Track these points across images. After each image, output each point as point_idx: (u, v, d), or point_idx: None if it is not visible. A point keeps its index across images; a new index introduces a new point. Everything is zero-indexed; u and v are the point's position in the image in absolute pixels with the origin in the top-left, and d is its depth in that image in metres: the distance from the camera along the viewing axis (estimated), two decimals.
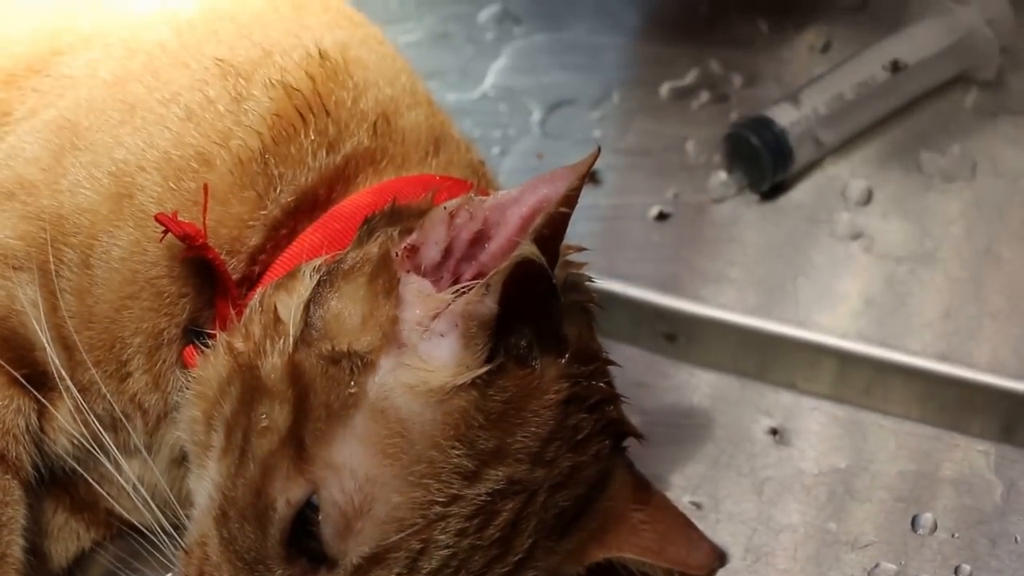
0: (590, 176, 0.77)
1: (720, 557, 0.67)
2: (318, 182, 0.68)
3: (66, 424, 0.69)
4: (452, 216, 0.60)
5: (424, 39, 1.02)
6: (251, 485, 0.61)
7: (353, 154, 0.70)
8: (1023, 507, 0.74)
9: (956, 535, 0.74)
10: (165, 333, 0.67)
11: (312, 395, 0.61)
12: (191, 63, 0.70)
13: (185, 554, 0.64)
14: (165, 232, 0.65)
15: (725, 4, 1.01)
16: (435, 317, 0.60)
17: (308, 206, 0.68)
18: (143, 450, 0.70)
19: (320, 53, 0.71)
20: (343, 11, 0.78)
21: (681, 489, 0.77)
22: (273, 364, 0.62)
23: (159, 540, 0.66)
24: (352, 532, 0.60)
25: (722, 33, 1.00)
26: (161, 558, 0.66)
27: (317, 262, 0.64)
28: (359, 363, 0.61)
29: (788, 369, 0.83)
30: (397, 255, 0.61)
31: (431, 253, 0.61)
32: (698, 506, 0.76)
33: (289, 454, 0.61)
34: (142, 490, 0.70)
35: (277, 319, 0.63)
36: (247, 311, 0.65)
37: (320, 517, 0.60)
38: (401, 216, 0.64)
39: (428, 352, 0.61)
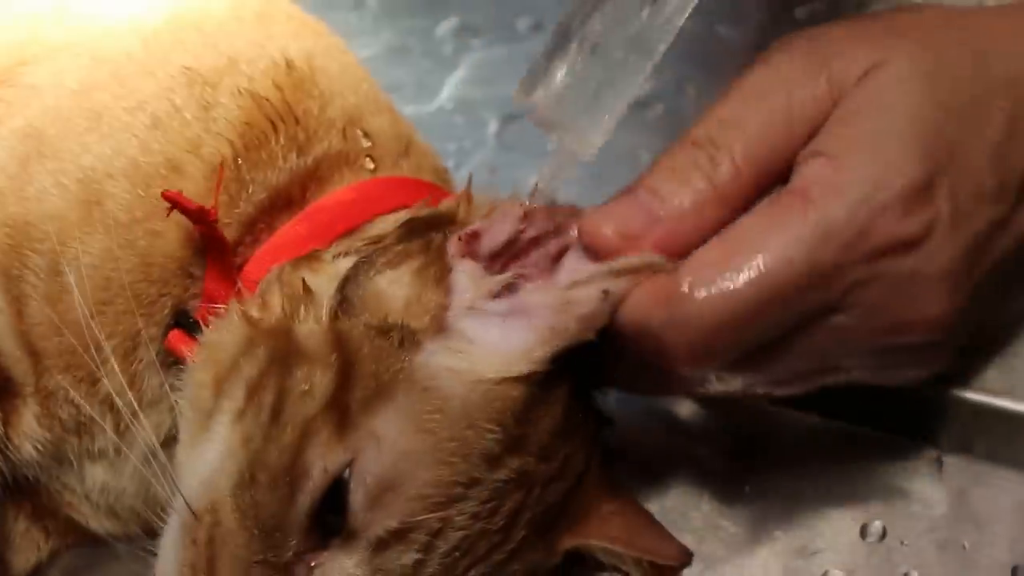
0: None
1: (688, 554, 0.69)
2: (290, 182, 0.69)
3: (30, 430, 0.68)
4: (527, 215, 0.63)
5: (382, 53, 1.02)
6: (287, 449, 0.61)
7: (324, 157, 0.70)
8: (971, 515, 0.75)
9: (905, 542, 0.74)
10: (143, 334, 0.67)
11: (359, 364, 0.62)
12: (157, 72, 0.71)
13: (193, 518, 0.62)
14: (171, 209, 0.65)
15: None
16: (493, 299, 0.63)
17: (283, 203, 0.69)
18: (111, 453, 0.69)
19: (287, 63, 0.71)
20: (306, 21, 0.79)
21: None
22: (311, 329, 0.63)
23: (121, 549, 0.66)
24: (382, 505, 0.61)
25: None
26: (122, 567, 0.66)
27: (338, 248, 0.66)
28: (410, 337, 0.62)
29: None
30: (460, 239, 0.63)
31: (493, 242, 0.63)
32: None
33: (332, 420, 0.61)
34: (106, 497, 0.70)
35: (307, 291, 0.64)
36: (262, 285, 0.66)
37: (352, 487, 0.61)
38: (441, 221, 0.67)
39: (480, 335, 0.63)
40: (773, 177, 0.65)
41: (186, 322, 0.68)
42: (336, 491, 0.61)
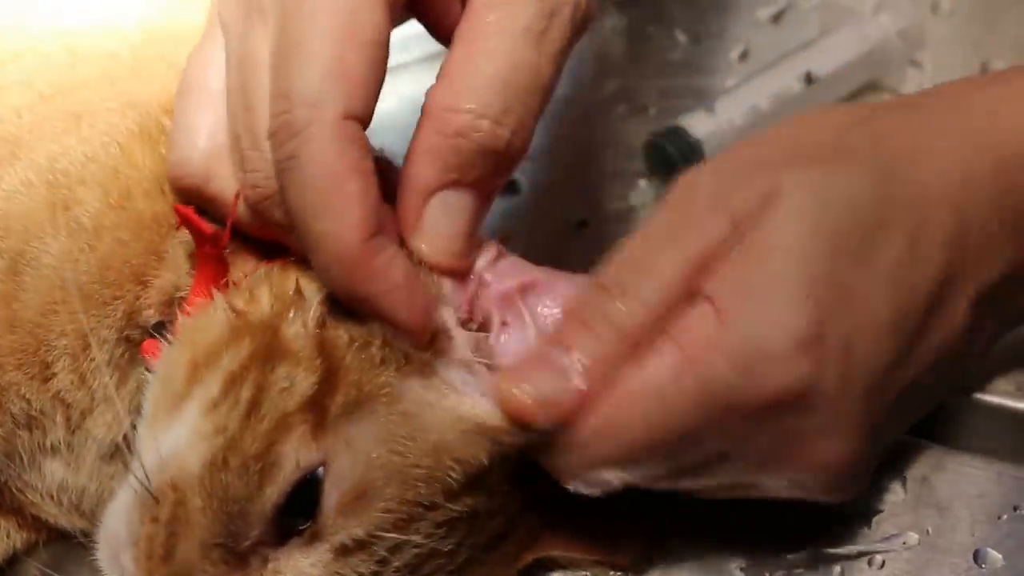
0: (508, 186, 0.80)
1: (648, 556, 0.70)
2: None
3: None
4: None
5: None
6: (261, 438, 0.61)
7: None
8: (933, 501, 0.76)
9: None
10: (95, 334, 0.68)
11: (342, 371, 0.63)
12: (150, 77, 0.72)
13: (153, 499, 0.63)
14: (181, 223, 0.67)
15: (642, 16, 1.03)
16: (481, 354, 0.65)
17: None
18: (64, 449, 0.70)
19: None
20: None
21: None
22: (297, 331, 0.64)
23: (88, 545, 0.66)
24: (353, 512, 0.62)
25: (641, 45, 1.01)
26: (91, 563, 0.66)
27: None
28: (396, 360, 0.63)
29: None
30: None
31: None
32: None
33: (309, 419, 0.62)
34: (68, 495, 0.71)
35: (299, 293, 0.65)
36: (253, 279, 0.67)
37: (326, 488, 0.62)
38: None
39: (468, 387, 0.65)
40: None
41: (161, 331, 0.68)
42: (303, 490, 0.62)
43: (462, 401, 0.64)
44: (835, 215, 0.63)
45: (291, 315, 0.64)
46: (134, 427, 0.67)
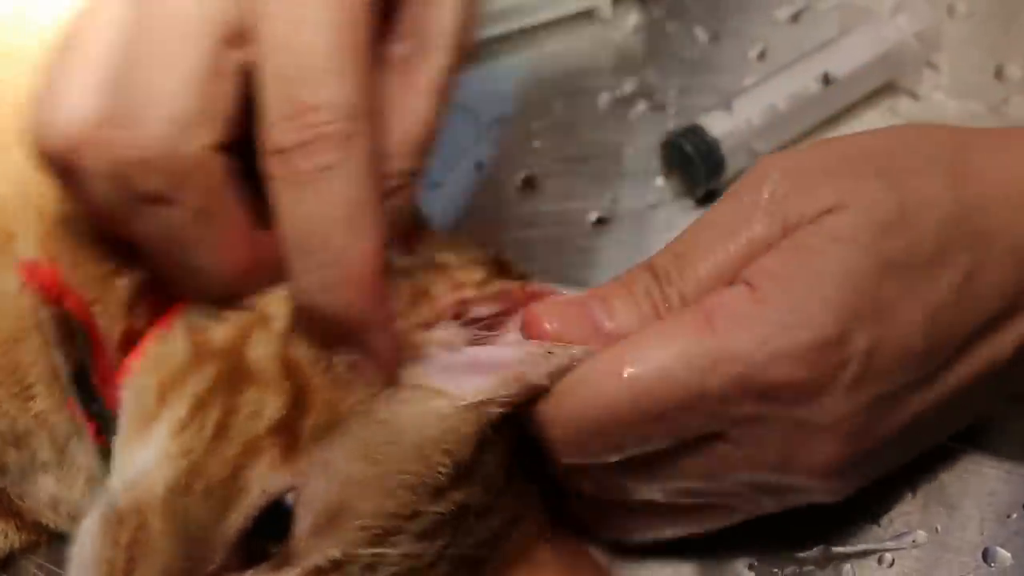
0: (527, 183, 0.80)
1: None
2: None
3: None
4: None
5: None
6: (228, 463, 0.60)
7: None
8: (943, 499, 0.76)
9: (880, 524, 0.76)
10: (64, 368, 0.67)
11: (311, 392, 0.62)
12: None
13: (116, 521, 0.61)
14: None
15: (662, 14, 1.03)
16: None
17: None
18: (54, 466, 0.69)
19: None
20: None
21: None
22: (263, 353, 0.63)
23: None
24: (326, 533, 0.61)
25: (660, 43, 1.01)
26: None
27: None
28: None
29: None
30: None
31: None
32: None
33: (279, 443, 0.60)
34: (63, 508, 0.70)
35: (264, 314, 0.64)
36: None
37: (300, 512, 0.60)
38: None
39: (447, 386, 0.64)
40: None
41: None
42: (271, 515, 0.61)
43: (442, 390, 0.63)
44: (893, 241, 0.64)
45: (255, 336, 0.63)
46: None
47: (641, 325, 0.65)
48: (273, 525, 0.61)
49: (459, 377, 0.64)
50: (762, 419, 0.64)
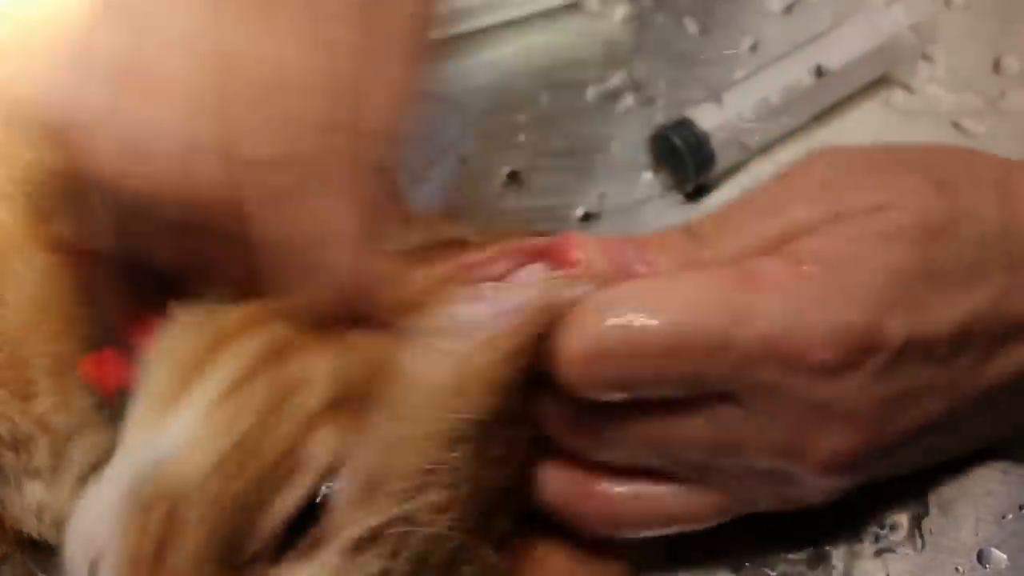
0: (512, 177, 0.80)
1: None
2: None
3: None
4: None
5: None
6: (283, 440, 0.59)
7: None
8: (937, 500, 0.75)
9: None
10: (77, 355, 0.67)
11: (356, 364, 0.61)
12: None
13: (143, 506, 0.59)
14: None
15: (651, 5, 1.02)
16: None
17: None
18: (46, 472, 0.68)
19: None
20: None
21: None
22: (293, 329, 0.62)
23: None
24: (363, 504, 0.60)
25: (649, 35, 1.01)
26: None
27: None
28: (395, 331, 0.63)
29: None
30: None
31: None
32: None
33: (333, 418, 0.60)
34: (48, 515, 0.68)
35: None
36: None
37: (339, 488, 0.59)
38: None
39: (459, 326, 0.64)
40: None
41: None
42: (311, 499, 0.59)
43: (459, 331, 0.63)
44: (937, 247, 0.65)
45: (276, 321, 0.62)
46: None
47: (675, 267, 0.66)
48: (305, 511, 0.59)
49: (476, 318, 0.64)
50: (779, 391, 0.63)
